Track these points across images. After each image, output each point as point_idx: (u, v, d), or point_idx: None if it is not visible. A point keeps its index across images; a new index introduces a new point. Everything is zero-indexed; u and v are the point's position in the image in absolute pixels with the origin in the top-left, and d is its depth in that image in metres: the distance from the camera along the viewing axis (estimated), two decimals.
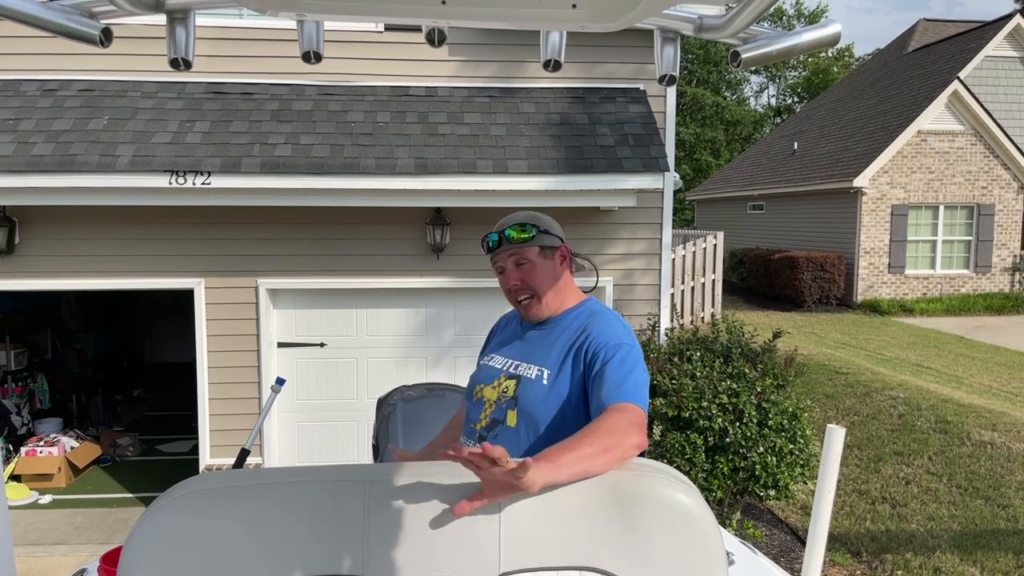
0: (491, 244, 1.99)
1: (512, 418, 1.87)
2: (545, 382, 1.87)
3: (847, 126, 18.42)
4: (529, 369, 1.92)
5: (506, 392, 1.92)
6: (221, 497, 1.32)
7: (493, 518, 1.34)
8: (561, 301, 2.01)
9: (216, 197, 5.50)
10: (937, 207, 15.91)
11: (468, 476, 1.39)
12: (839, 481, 6.22)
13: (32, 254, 5.89)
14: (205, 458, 6.13)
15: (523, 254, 1.96)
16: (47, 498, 6.53)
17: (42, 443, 6.95)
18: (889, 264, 15.68)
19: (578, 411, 1.82)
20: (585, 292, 2.10)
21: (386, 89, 6.20)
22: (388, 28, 6.14)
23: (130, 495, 6.65)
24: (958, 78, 15.38)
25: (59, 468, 6.81)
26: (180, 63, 1.21)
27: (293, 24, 1.16)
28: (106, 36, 1.14)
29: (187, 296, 6.09)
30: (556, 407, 1.83)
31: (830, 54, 37.92)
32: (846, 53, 38.70)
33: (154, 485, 6.76)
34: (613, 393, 1.71)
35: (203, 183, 5.31)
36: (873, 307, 15.22)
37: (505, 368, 1.98)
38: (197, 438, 6.19)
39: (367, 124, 5.85)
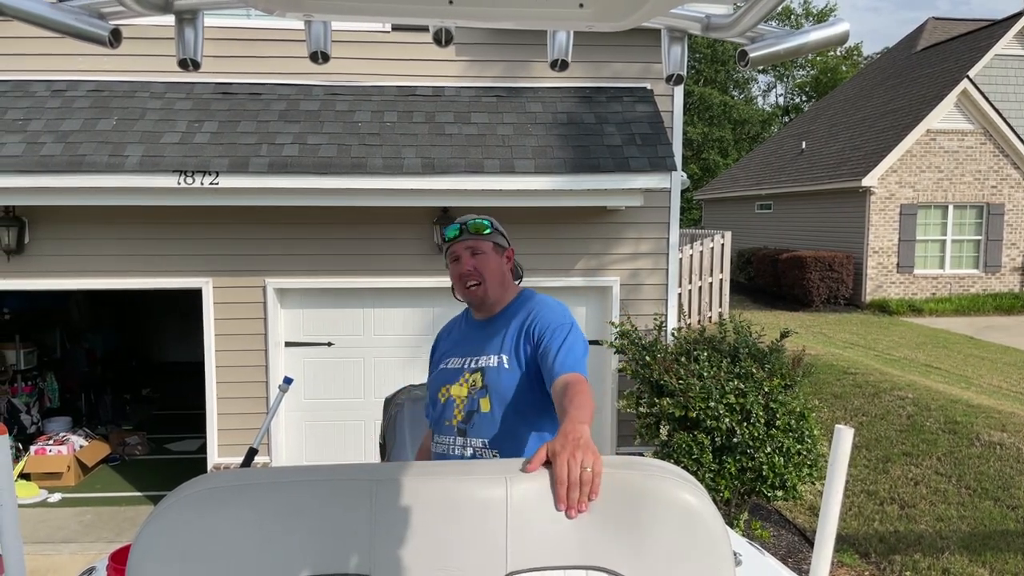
0: (452, 233, 2.22)
1: (485, 404, 2.10)
2: (506, 366, 2.11)
3: (856, 125, 18.34)
4: (489, 360, 2.14)
5: (475, 385, 2.13)
6: (229, 496, 1.33)
7: (500, 517, 1.34)
8: (503, 295, 2.24)
9: (224, 197, 5.51)
10: (946, 206, 15.83)
11: (476, 474, 1.39)
12: (847, 482, 6.20)
13: (41, 254, 5.92)
14: (213, 457, 6.16)
15: (479, 245, 2.21)
16: (56, 496, 6.57)
17: (51, 442, 6.99)
18: (898, 264, 15.61)
19: (531, 382, 2.07)
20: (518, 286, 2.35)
21: (393, 89, 6.21)
22: (395, 28, 6.15)
23: (139, 494, 6.68)
24: (967, 77, 15.29)
25: (68, 467, 6.84)
26: (189, 64, 1.21)
27: (300, 24, 1.16)
28: (115, 37, 1.15)
29: (195, 296, 6.12)
30: (515, 383, 2.09)
31: (838, 53, 37.77)
32: (855, 52, 38.53)
33: (163, 484, 6.79)
34: (562, 364, 1.97)
35: (211, 183, 5.33)
36: (882, 307, 15.15)
37: (466, 366, 2.18)
38: (205, 437, 6.22)
39: (374, 124, 5.86)
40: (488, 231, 2.22)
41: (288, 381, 3.47)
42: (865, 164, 15.64)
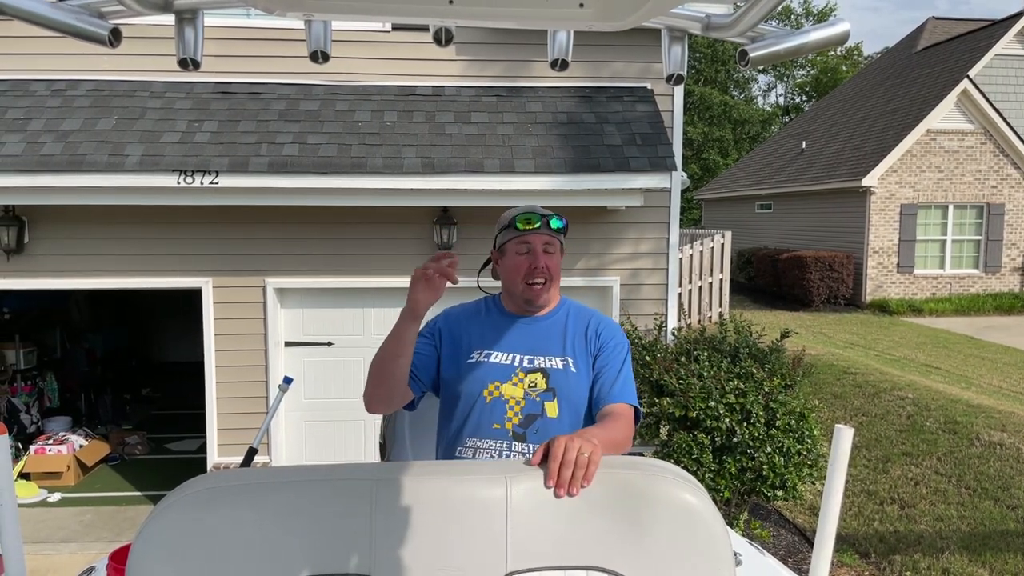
0: (530, 222, 2.03)
1: (553, 409, 1.96)
2: (574, 370, 2.00)
3: (856, 125, 18.35)
4: (551, 361, 2.01)
5: (535, 386, 1.97)
6: (229, 495, 1.33)
7: (500, 517, 1.34)
8: (556, 296, 2.15)
9: (224, 197, 5.51)
10: (946, 206, 15.83)
11: (476, 474, 1.39)
12: (847, 482, 6.20)
13: (41, 253, 5.92)
14: (213, 457, 6.16)
15: (554, 243, 2.07)
16: (56, 496, 6.57)
17: (51, 441, 6.99)
18: (898, 264, 15.61)
19: (589, 389, 2.00)
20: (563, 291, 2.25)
21: (393, 88, 6.21)
22: (395, 28, 6.15)
23: (138, 493, 6.68)
24: (968, 77, 15.29)
25: (68, 466, 6.84)
26: (188, 63, 1.21)
27: (301, 24, 1.16)
28: (115, 36, 1.15)
29: (195, 295, 6.12)
30: (584, 389, 1.99)
31: (839, 53, 37.78)
32: (855, 52, 38.54)
33: (162, 483, 6.79)
34: (620, 393, 1.96)
35: (211, 183, 5.33)
36: (882, 307, 15.16)
37: (517, 363, 2.01)
38: (205, 437, 6.22)
39: (374, 123, 5.86)
40: (564, 229, 2.09)
41: (288, 381, 3.46)
42: (865, 164, 15.65)
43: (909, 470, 6.50)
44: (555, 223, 2.05)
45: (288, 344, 6.24)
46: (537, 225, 2.03)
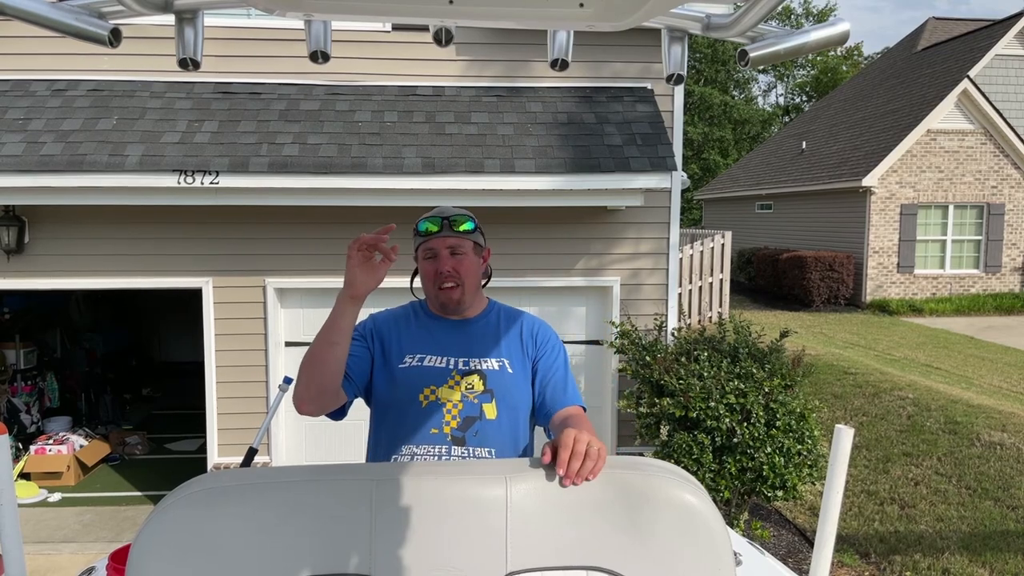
0: (431, 227, 2.00)
1: (491, 411, 1.93)
2: (511, 371, 1.97)
3: (856, 125, 18.35)
4: (486, 363, 1.97)
5: (472, 388, 1.93)
6: (229, 495, 1.33)
7: (500, 517, 1.34)
8: (477, 298, 2.08)
9: (224, 197, 5.52)
10: (947, 206, 15.83)
11: (476, 474, 1.39)
12: (848, 482, 6.20)
13: (41, 253, 5.92)
14: (213, 456, 6.16)
15: (461, 244, 2.00)
16: (56, 496, 6.57)
17: (51, 441, 6.99)
18: (898, 264, 15.61)
19: (528, 391, 1.99)
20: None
21: (393, 89, 6.21)
22: (395, 28, 6.15)
23: (139, 493, 6.68)
24: (968, 77, 15.29)
25: (68, 466, 6.85)
26: (188, 63, 1.21)
27: (301, 24, 1.16)
28: (115, 36, 1.15)
29: (195, 295, 6.12)
30: (523, 389, 1.97)
31: (839, 53, 37.78)
32: (855, 52, 38.54)
33: (162, 483, 6.79)
34: (573, 396, 1.96)
35: (211, 183, 5.33)
36: (882, 307, 15.16)
37: (452, 366, 1.96)
38: (205, 437, 6.22)
39: (374, 124, 5.86)
40: (472, 229, 2.02)
41: (288, 381, 3.46)
42: (865, 164, 15.65)
43: (909, 470, 6.49)
44: (461, 225, 1.99)
45: (288, 344, 6.24)
46: (438, 229, 1.99)
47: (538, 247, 6.17)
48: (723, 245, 12.84)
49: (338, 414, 2.02)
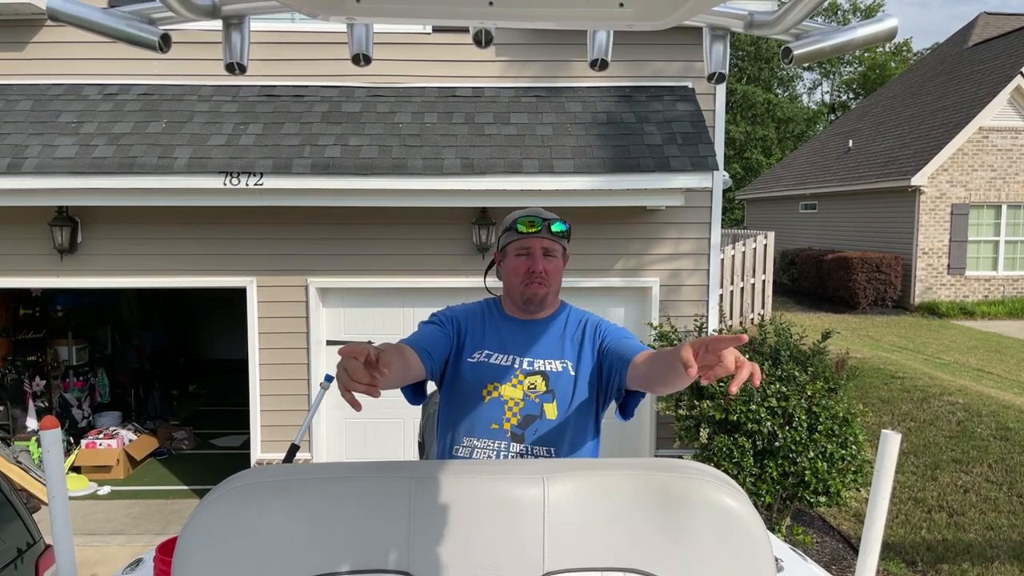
0: (530, 226, 2.04)
1: (552, 411, 1.99)
2: (573, 373, 2.03)
3: (904, 123, 17.89)
4: (550, 364, 2.03)
5: (535, 388, 2.00)
6: (272, 490, 1.35)
7: (537, 517, 1.34)
8: (556, 300, 2.15)
9: (268, 198, 5.61)
10: (1000, 206, 15.35)
11: (514, 473, 1.40)
12: (894, 488, 6.05)
13: (93, 253, 6.10)
14: (256, 452, 6.27)
15: (555, 247, 2.07)
16: (106, 489, 6.75)
17: (101, 436, 7.18)
18: (948, 265, 15.18)
19: (592, 393, 2.04)
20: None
21: (433, 90, 6.25)
22: (436, 29, 6.19)
23: (185, 487, 6.83)
24: (1021, 72, 14.80)
25: (117, 460, 7.03)
26: (235, 67, 1.23)
27: (343, 27, 1.18)
28: (164, 42, 1.17)
29: (240, 295, 6.24)
30: (584, 394, 2.03)
31: (887, 49, 36.91)
32: (904, 48, 37.61)
33: (208, 478, 6.94)
34: (641, 347, 2.02)
35: (256, 184, 5.43)
36: (931, 309, 14.75)
37: (517, 365, 2.03)
38: (249, 433, 6.33)
39: (415, 125, 5.91)
40: (566, 234, 2.10)
41: (329, 379, 3.51)
42: (914, 163, 15.25)
43: (959, 477, 6.32)
44: (557, 227, 2.07)
45: (330, 343, 6.32)
46: (538, 229, 2.04)
47: (577, 247, 6.11)
48: (766, 245, 12.64)
49: (416, 396, 2.11)
